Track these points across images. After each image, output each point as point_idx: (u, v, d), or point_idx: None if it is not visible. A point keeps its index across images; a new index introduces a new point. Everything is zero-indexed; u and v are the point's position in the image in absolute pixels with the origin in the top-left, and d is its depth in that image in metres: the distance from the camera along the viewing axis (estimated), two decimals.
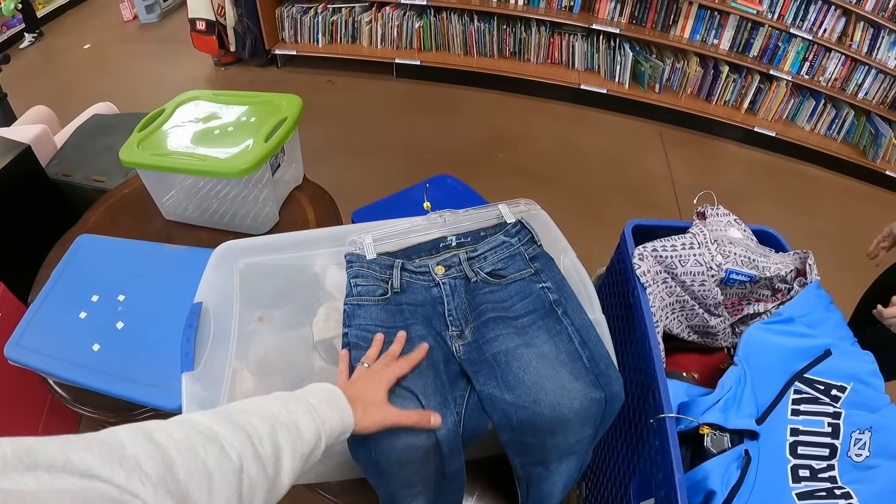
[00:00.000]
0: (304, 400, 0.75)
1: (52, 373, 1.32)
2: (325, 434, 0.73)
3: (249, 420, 0.64)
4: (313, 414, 0.73)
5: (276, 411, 0.69)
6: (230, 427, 0.61)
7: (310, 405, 0.74)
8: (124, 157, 1.53)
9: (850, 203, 3.39)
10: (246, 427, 0.63)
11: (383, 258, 1.05)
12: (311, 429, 0.71)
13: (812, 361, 1.19)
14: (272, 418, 0.67)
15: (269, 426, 0.65)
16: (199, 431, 0.58)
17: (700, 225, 1.32)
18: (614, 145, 2.20)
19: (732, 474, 1.06)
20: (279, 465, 0.64)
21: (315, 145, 2.24)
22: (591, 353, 0.94)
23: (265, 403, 0.71)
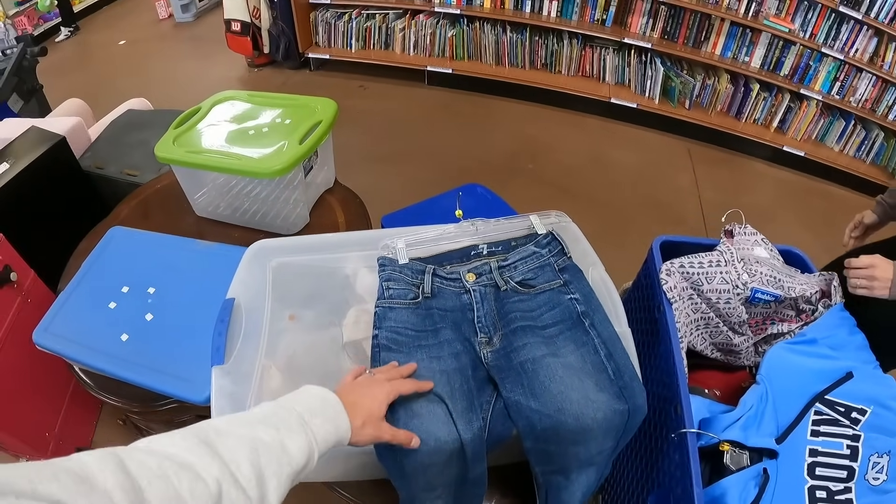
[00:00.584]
0: (294, 412, 0.72)
1: (80, 360, 1.35)
2: (317, 448, 0.71)
3: (226, 443, 0.62)
4: (304, 428, 0.71)
5: (261, 431, 0.67)
6: (205, 453, 0.59)
7: (301, 419, 0.72)
8: (160, 154, 1.56)
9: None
10: (221, 451, 0.61)
11: (415, 263, 1.07)
12: (301, 445, 0.69)
13: (834, 383, 1.19)
14: (253, 440, 0.65)
15: (248, 448, 0.63)
16: (172, 459, 0.57)
17: (727, 243, 1.33)
18: (642, 160, 2.20)
19: (750, 492, 1.06)
20: (263, 486, 0.63)
21: (345, 149, 2.26)
22: (616, 365, 0.95)
23: (249, 421, 0.69)
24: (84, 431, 2.05)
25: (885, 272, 1.31)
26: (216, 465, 0.59)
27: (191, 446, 0.60)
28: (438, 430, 0.87)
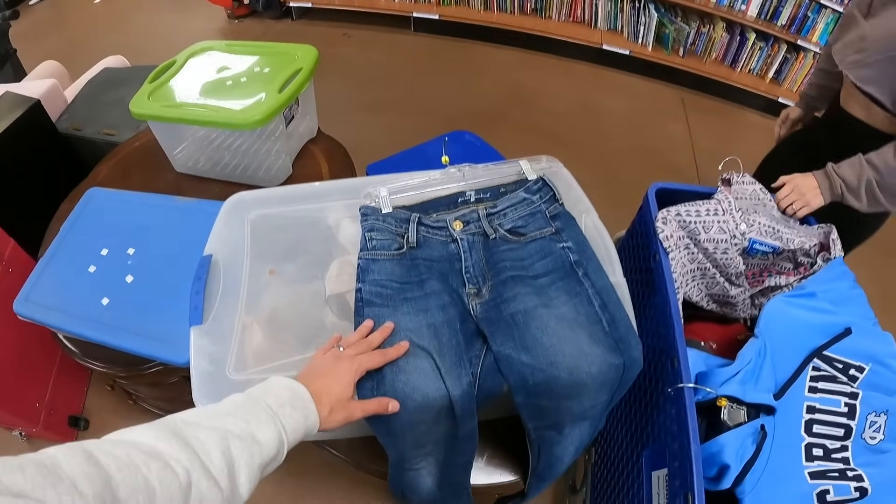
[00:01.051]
0: (263, 403, 0.72)
1: (61, 327, 1.32)
2: (287, 439, 0.71)
3: (196, 434, 0.62)
4: (274, 420, 0.71)
5: (230, 423, 0.67)
6: (175, 442, 0.59)
7: (270, 409, 0.71)
8: (135, 109, 1.51)
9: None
10: (192, 441, 0.61)
11: (399, 212, 1.02)
12: (271, 436, 0.69)
13: (832, 339, 1.16)
14: (223, 431, 0.65)
15: (219, 438, 0.63)
16: (141, 449, 0.56)
17: (725, 192, 1.28)
18: (635, 108, 2.14)
19: (748, 449, 1.04)
20: (234, 477, 0.63)
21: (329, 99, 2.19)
22: (611, 316, 0.91)
23: (219, 413, 0.68)
24: (74, 400, 2.03)
25: (807, 181, 1.37)
26: (186, 454, 0.59)
27: (160, 436, 0.59)
28: (426, 386, 0.83)
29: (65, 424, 1.93)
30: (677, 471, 1.01)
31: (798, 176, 1.39)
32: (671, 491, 1.02)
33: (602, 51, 3.87)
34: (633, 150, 3.25)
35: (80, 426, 1.96)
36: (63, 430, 1.92)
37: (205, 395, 0.88)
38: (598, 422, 0.99)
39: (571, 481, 1.68)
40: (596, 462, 1.47)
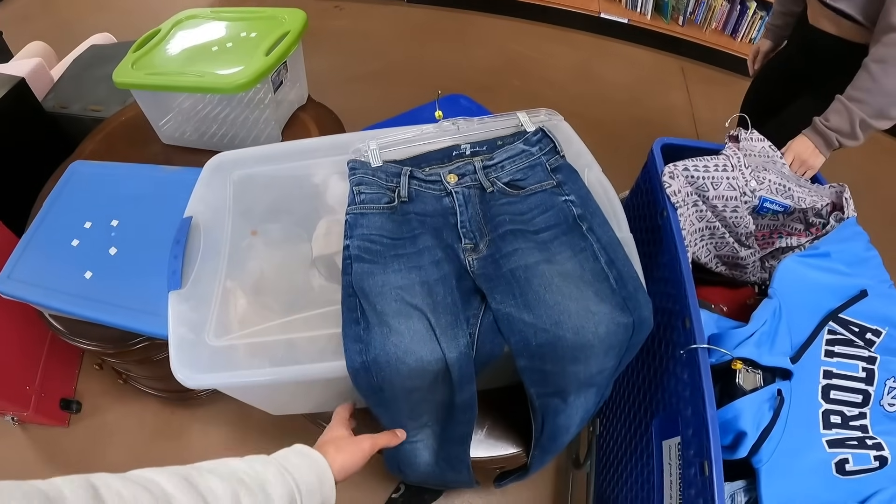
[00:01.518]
0: (275, 461, 0.69)
1: (45, 304, 1.29)
2: (299, 493, 0.68)
3: (207, 482, 0.60)
4: (283, 475, 0.68)
5: (242, 472, 0.64)
6: (185, 488, 0.57)
7: (279, 464, 0.69)
8: (118, 79, 1.47)
9: (876, 154, 3.26)
10: (202, 489, 0.58)
11: (390, 165, 0.97)
12: (282, 491, 0.66)
13: (847, 301, 1.12)
14: (235, 480, 0.62)
15: (230, 489, 0.60)
16: (150, 490, 0.54)
17: (733, 147, 1.22)
18: (634, 77, 2.09)
19: (765, 415, 0.99)
20: None
21: (321, 71, 2.13)
22: (618, 272, 0.85)
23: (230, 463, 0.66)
24: (66, 383, 1.99)
25: (803, 145, 1.34)
26: (194, 499, 0.57)
27: (171, 481, 0.57)
28: (420, 349, 0.77)
29: (56, 408, 1.89)
30: (691, 439, 0.96)
31: (793, 143, 1.35)
32: (685, 460, 0.97)
33: (600, 19, 3.79)
34: (634, 120, 3.19)
35: (72, 409, 1.92)
36: (55, 414, 1.88)
37: (183, 362, 0.82)
38: (605, 389, 0.94)
39: (575, 455, 1.64)
40: (601, 434, 1.42)
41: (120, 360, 1.51)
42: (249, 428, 1.87)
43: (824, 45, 1.48)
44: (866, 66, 1.26)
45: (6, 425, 1.86)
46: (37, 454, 1.87)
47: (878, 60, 1.23)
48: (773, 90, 1.81)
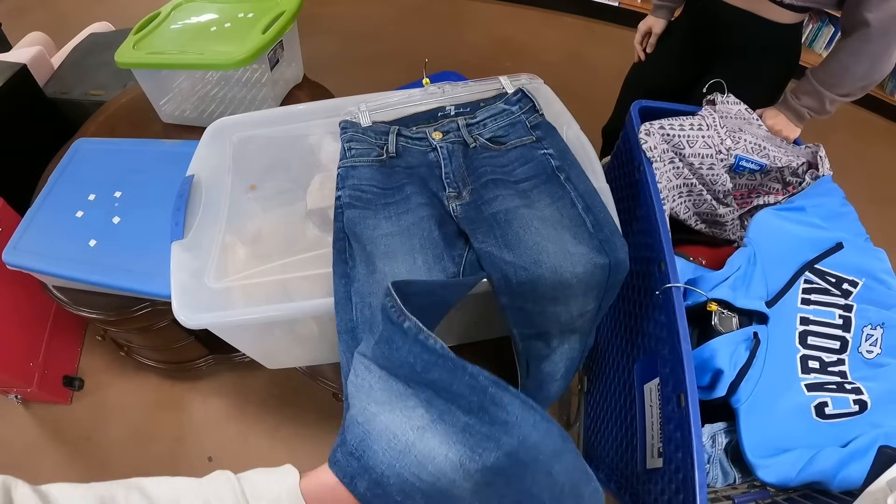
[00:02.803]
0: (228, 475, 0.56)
1: (50, 272, 1.32)
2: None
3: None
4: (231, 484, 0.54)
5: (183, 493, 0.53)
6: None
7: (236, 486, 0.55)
8: (119, 59, 1.50)
9: (865, 135, 3.29)
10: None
11: (379, 125, 1.02)
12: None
13: (823, 252, 1.16)
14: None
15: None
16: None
17: (709, 109, 1.27)
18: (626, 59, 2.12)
19: (741, 355, 1.03)
20: None
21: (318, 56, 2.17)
22: (595, 218, 0.90)
23: (174, 485, 0.54)
24: (69, 360, 2.03)
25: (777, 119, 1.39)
26: None
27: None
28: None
29: (59, 385, 1.93)
30: (669, 376, 1.01)
31: (766, 117, 1.40)
32: (664, 397, 1.02)
33: (591, 3, 3.83)
34: None
35: (74, 386, 1.97)
36: (58, 391, 1.93)
37: (183, 304, 0.88)
38: (588, 336, 0.98)
39: (566, 417, 1.69)
40: (589, 390, 1.47)
41: (122, 328, 1.55)
42: (249, 399, 1.90)
43: (733, 20, 1.47)
44: (838, 56, 1.30)
45: (10, 404, 1.91)
46: (40, 432, 1.91)
47: (851, 52, 1.27)
48: (672, 71, 1.76)
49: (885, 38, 1.23)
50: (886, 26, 1.21)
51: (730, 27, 1.49)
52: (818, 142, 1.33)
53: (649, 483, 1.05)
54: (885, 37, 1.23)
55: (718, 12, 1.49)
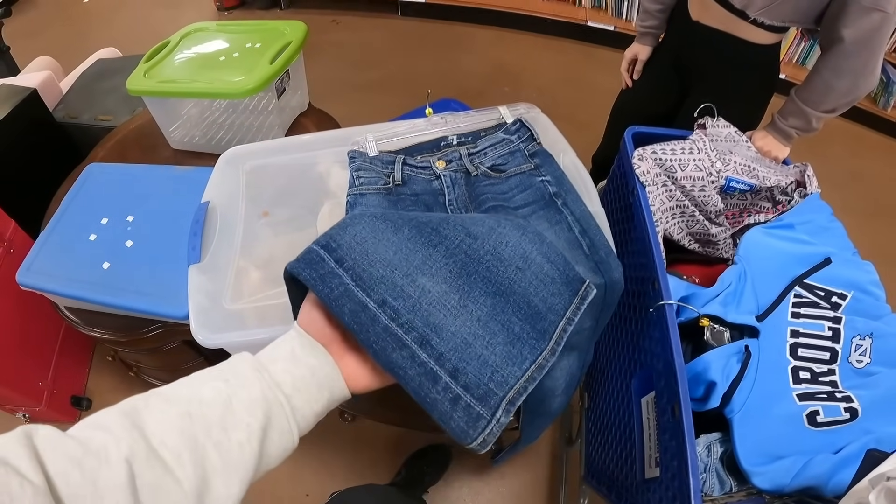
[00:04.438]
0: (250, 359, 0.55)
1: (64, 293, 1.36)
2: (283, 401, 0.53)
3: (152, 413, 0.48)
4: (260, 374, 0.53)
5: (206, 389, 0.51)
6: (122, 428, 0.46)
7: (257, 363, 0.54)
8: (131, 87, 1.55)
9: (859, 150, 3.34)
10: (144, 423, 0.47)
11: (385, 155, 1.07)
12: (254, 396, 0.51)
13: (812, 268, 1.19)
14: (190, 401, 0.50)
15: (178, 414, 0.48)
16: (84, 444, 0.45)
17: (700, 133, 1.33)
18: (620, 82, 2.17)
19: (733, 368, 1.07)
20: (202, 464, 0.47)
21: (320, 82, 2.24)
22: (590, 240, 0.95)
23: (195, 380, 0.53)
24: (77, 380, 2.07)
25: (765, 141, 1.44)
26: (129, 440, 0.45)
27: (110, 422, 0.46)
28: None
29: (67, 404, 1.97)
30: (664, 389, 1.04)
31: (756, 139, 1.45)
32: (659, 409, 1.06)
33: (587, 27, 3.89)
34: None
35: (82, 406, 2.00)
36: (66, 410, 1.96)
37: (201, 324, 0.93)
38: (586, 354, 1.02)
39: (568, 434, 1.73)
40: (590, 407, 1.51)
41: (132, 349, 1.58)
42: None
43: (713, 42, 1.51)
44: (819, 73, 1.35)
45: (18, 423, 1.92)
46: None
47: (831, 69, 1.32)
48: (659, 95, 1.81)
49: (863, 53, 1.27)
50: (864, 41, 1.26)
51: (710, 49, 1.54)
52: (813, 156, 1.38)
53: (648, 492, 1.08)
54: (863, 52, 1.27)
55: (699, 35, 1.54)
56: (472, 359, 0.55)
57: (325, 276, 0.56)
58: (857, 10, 1.24)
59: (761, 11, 1.38)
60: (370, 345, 0.54)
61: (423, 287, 0.58)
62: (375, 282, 0.57)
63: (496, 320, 0.58)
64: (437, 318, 0.56)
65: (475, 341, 0.56)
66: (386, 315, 0.55)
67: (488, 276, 0.60)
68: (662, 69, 1.77)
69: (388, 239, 0.60)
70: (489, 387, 0.54)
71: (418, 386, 0.53)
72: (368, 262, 0.58)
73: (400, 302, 0.56)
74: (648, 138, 1.35)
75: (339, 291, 0.55)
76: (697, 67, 1.61)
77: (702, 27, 1.52)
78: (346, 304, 0.55)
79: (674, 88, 1.72)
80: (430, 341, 0.55)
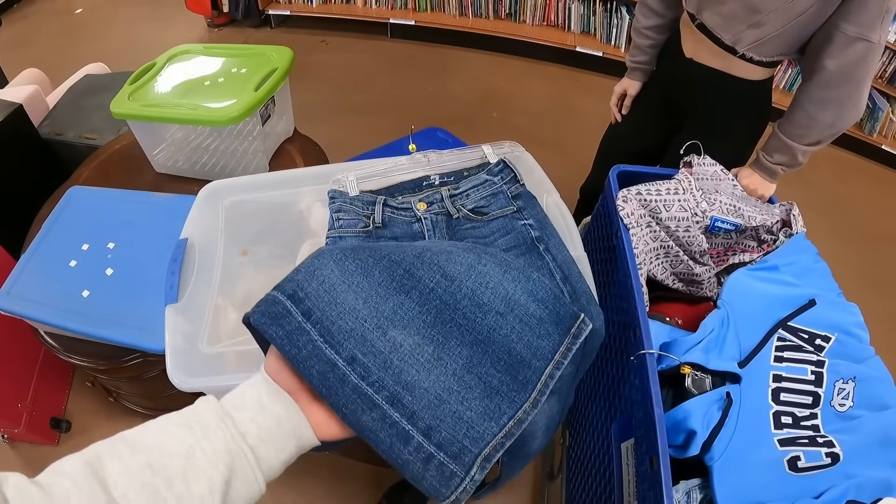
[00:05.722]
0: (215, 405, 0.54)
1: (43, 320, 1.34)
2: (247, 452, 0.51)
3: (115, 466, 0.48)
4: (224, 422, 0.52)
5: (171, 437, 0.51)
6: (85, 482, 0.46)
7: (221, 410, 0.53)
8: (115, 110, 1.54)
9: (844, 175, 3.37)
10: (107, 478, 0.47)
11: (366, 195, 1.06)
12: (217, 448, 0.50)
13: (797, 310, 1.19)
14: (155, 451, 0.49)
15: (141, 466, 0.48)
16: (49, 493, 0.45)
17: (685, 172, 1.32)
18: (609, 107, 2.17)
19: (714, 415, 1.06)
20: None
21: (308, 104, 2.24)
22: (572, 288, 0.94)
23: (162, 426, 0.52)
24: (56, 402, 2.04)
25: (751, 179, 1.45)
26: (89, 492, 0.45)
27: (74, 470, 0.47)
28: None
29: (47, 426, 1.94)
30: (643, 437, 1.03)
31: (741, 177, 1.45)
32: (638, 458, 1.05)
33: (576, 53, 3.92)
34: None
35: (62, 428, 1.97)
36: (45, 432, 1.93)
37: (179, 368, 0.91)
38: (567, 397, 1.01)
39: (549, 468, 1.71)
40: (570, 445, 1.50)
41: (112, 376, 1.56)
42: None
43: (704, 79, 1.51)
44: (802, 105, 1.34)
45: None
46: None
47: (814, 101, 1.31)
48: (647, 131, 1.80)
49: (849, 84, 1.26)
50: (848, 72, 1.25)
51: (702, 86, 1.53)
52: (798, 182, 1.38)
53: None
54: (849, 82, 1.26)
55: (690, 72, 1.53)
56: (446, 416, 0.53)
57: (292, 333, 0.54)
58: (842, 41, 1.23)
59: (750, 47, 1.37)
60: (339, 408, 0.53)
61: (394, 340, 0.56)
62: (344, 336, 0.55)
63: (472, 373, 0.56)
64: (409, 374, 0.54)
65: (449, 397, 0.54)
66: (356, 374, 0.53)
67: (465, 325, 0.58)
68: (652, 105, 1.77)
69: (357, 284, 0.58)
70: (464, 444, 0.52)
71: (389, 448, 0.52)
72: (337, 313, 0.56)
73: (370, 358, 0.54)
74: (634, 177, 1.35)
75: (308, 351, 0.53)
76: (688, 105, 1.60)
77: (695, 65, 1.51)
78: (314, 364, 0.53)
79: (663, 125, 1.71)
80: (401, 400, 0.53)
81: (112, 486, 0.46)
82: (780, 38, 1.33)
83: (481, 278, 0.60)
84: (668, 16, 1.61)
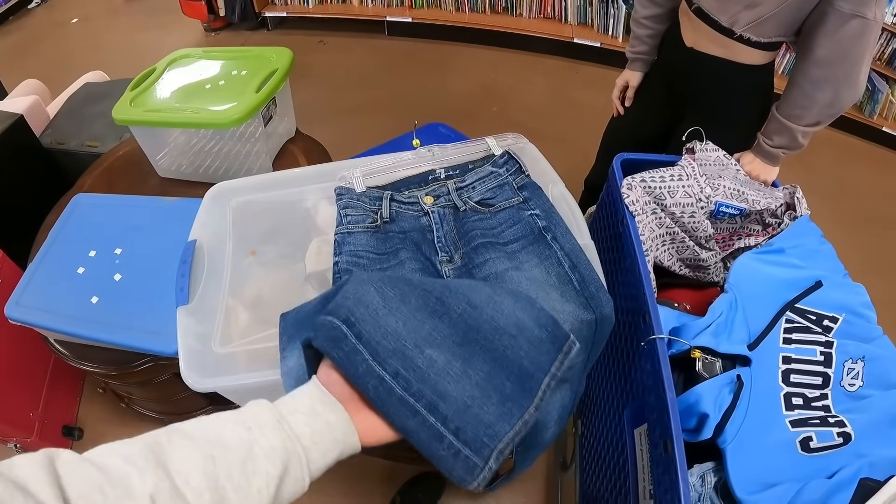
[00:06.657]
0: (272, 409, 0.58)
1: (53, 328, 1.34)
2: (301, 452, 0.56)
3: (176, 450, 0.51)
4: (281, 425, 0.56)
5: (228, 431, 0.54)
6: (146, 462, 0.48)
7: (279, 415, 0.57)
8: (117, 116, 1.54)
9: (845, 158, 3.36)
10: (168, 460, 0.49)
11: (372, 191, 1.06)
12: (274, 445, 0.54)
13: (803, 292, 1.19)
14: (213, 442, 0.53)
15: (202, 455, 0.51)
16: (106, 472, 0.47)
17: (689, 158, 1.33)
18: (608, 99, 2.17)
19: (725, 398, 1.06)
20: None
21: (308, 105, 2.25)
22: (581, 276, 0.95)
23: (217, 422, 0.56)
24: (68, 410, 2.05)
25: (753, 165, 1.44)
26: (154, 477, 0.47)
27: (133, 454, 0.49)
28: None
29: (59, 434, 1.95)
30: (656, 422, 1.04)
31: (744, 163, 1.45)
32: (652, 443, 1.05)
33: (573, 44, 3.92)
34: None
35: (74, 436, 1.98)
36: (57, 440, 1.94)
37: (192, 369, 0.92)
38: (578, 385, 1.02)
39: (563, 459, 1.71)
40: (583, 434, 1.50)
41: (123, 382, 1.56)
42: None
43: (706, 66, 1.51)
44: (799, 85, 1.33)
45: (9, 452, 1.90)
46: None
47: (811, 80, 1.31)
48: (650, 122, 1.81)
49: (845, 63, 1.26)
50: (844, 50, 1.24)
51: (704, 74, 1.53)
52: (800, 166, 1.38)
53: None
54: (845, 61, 1.26)
55: (691, 61, 1.53)
56: (470, 419, 0.61)
57: (350, 353, 0.62)
58: (836, 18, 1.22)
59: (747, 28, 1.37)
60: (388, 414, 0.61)
61: (430, 357, 0.65)
62: (389, 354, 0.63)
63: (491, 384, 0.64)
64: (442, 385, 0.63)
65: (473, 403, 0.62)
66: (399, 386, 0.61)
67: (486, 345, 0.66)
68: (654, 95, 1.77)
69: (397, 309, 0.67)
70: (483, 441, 0.61)
71: (428, 446, 0.60)
72: (382, 334, 0.64)
73: (411, 373, 0.63)
74: (637, 165, 1.35)
75: (363, 369, 0.61)
76: (691, 93, 1.60)
77: (695, 53, 1.51)
78: (369, 380, 0.61)
79: (666, 115, 1.71)
80: (437, 407, 0.61)
81: (175, 472, 0.49)
82: (776, 17, 1.33)
83: (498, 307, 0.69)
84: (667, 5, 1.61)
